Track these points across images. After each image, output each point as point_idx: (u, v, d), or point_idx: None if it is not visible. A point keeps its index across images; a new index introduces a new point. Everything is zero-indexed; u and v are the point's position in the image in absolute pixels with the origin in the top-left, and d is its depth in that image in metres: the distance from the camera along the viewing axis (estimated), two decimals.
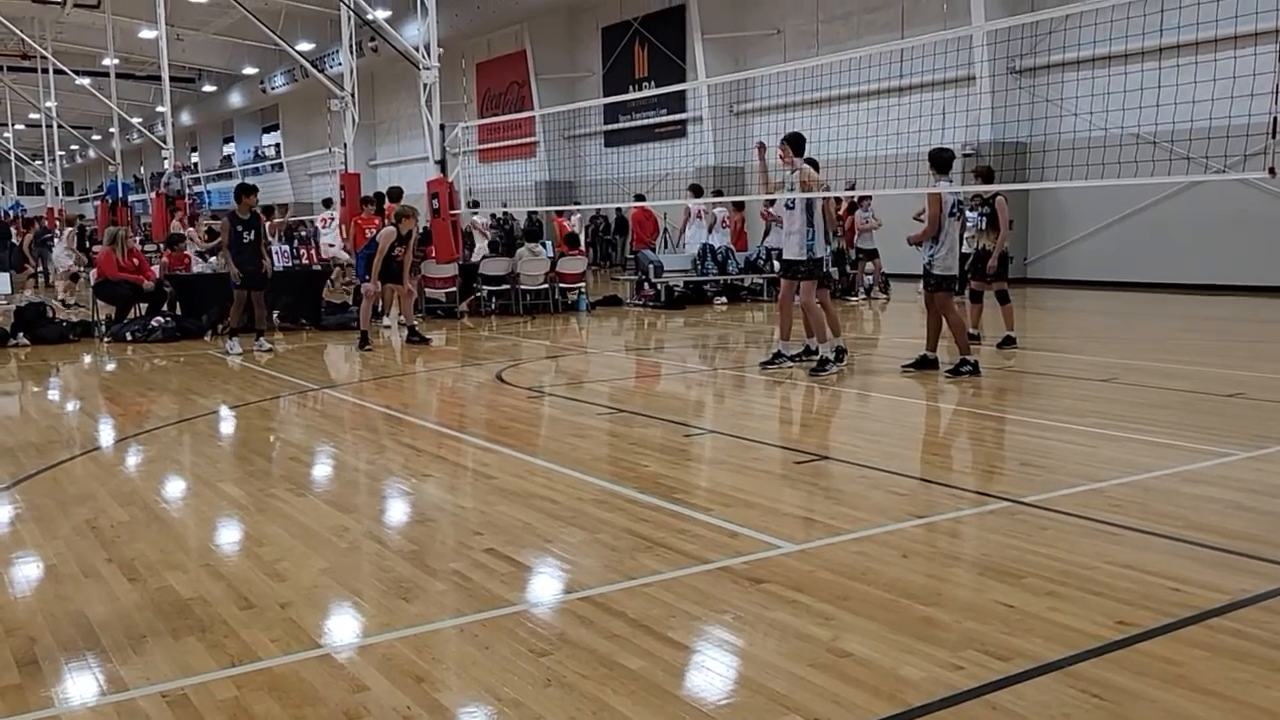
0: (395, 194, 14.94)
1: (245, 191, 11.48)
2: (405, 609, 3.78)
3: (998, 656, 3.27)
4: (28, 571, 4.30)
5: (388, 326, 13.40)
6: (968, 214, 9.97)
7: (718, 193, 19.91)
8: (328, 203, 21.55)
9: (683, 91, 25.81)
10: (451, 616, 3.69)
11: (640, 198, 22.25)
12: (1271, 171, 7.06)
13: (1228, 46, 12.09)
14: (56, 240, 21.75)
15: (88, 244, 23.72)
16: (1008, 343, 10.51)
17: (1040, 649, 3.32)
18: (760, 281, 17.63)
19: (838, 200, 17.48)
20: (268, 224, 12.73)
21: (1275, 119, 6.94)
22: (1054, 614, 3.62)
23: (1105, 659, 3.26)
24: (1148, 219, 17.80)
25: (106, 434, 7.48)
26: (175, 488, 5.82)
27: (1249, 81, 8.00)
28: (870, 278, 17.42)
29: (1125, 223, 18.23)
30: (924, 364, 9.05)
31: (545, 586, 4.08)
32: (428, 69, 15.57)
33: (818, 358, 9.26)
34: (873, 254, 17.20)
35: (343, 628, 3.65)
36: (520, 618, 3.68)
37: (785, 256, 9.36)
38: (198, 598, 3.88)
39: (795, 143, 9.04)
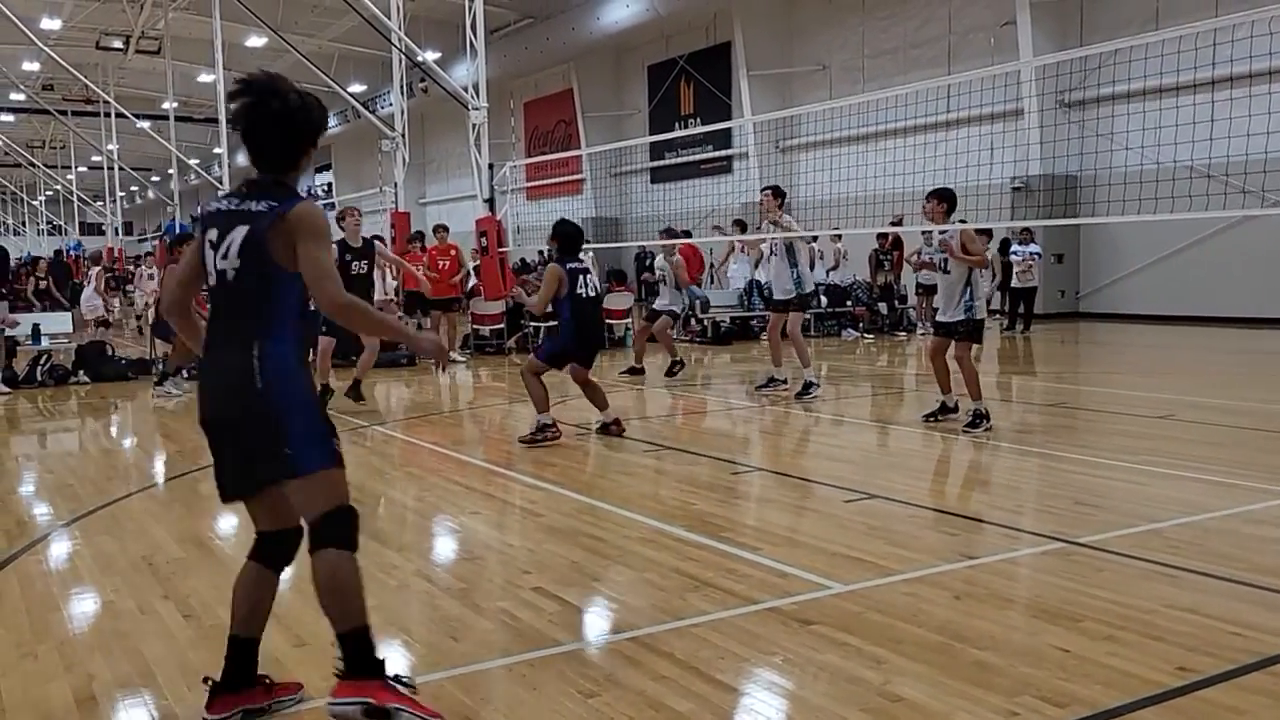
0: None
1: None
2: (454, 648, 3.79)
3: (1054, 703, 3.20)
4: (86, 608, 4.39)
5: (458, 361, 13.65)
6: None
7: (740, 224, 19.90)
8: (377, 239, 21.89)
9: (728, 128, 25.94)
10: (500, 656, 3.70)
11: (686, 233, 22.32)
12: None
13: None
14: (86, 284, 18.86)
15: (118, 285, 23.85)
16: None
17: (1098, 695, 3.25)
18: (808, 317, 17.55)
19: (883, 236, 17.47)
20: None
21: None
22: (1112, 659, 3.55)
23: (1165, 706, 3.18)
24: (1201, 252, 17.51)
25: (162, 470, 7.62)
26: (228, 524, 5.90)
27: None
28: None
29: (1179, 256, 17.95)
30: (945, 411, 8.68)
31: (593, 626, 4.07)
32: (476, 109, 15.83)
33: (803, 382, 10.01)
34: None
35: (392, 666, 3.66)
36: (568, 658, 3.68)
37: (775, 296, 10.28)
38: None
39: (778, 193, 10.16)
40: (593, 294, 8.12)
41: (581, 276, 8.02)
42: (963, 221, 8.67)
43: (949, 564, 4.67)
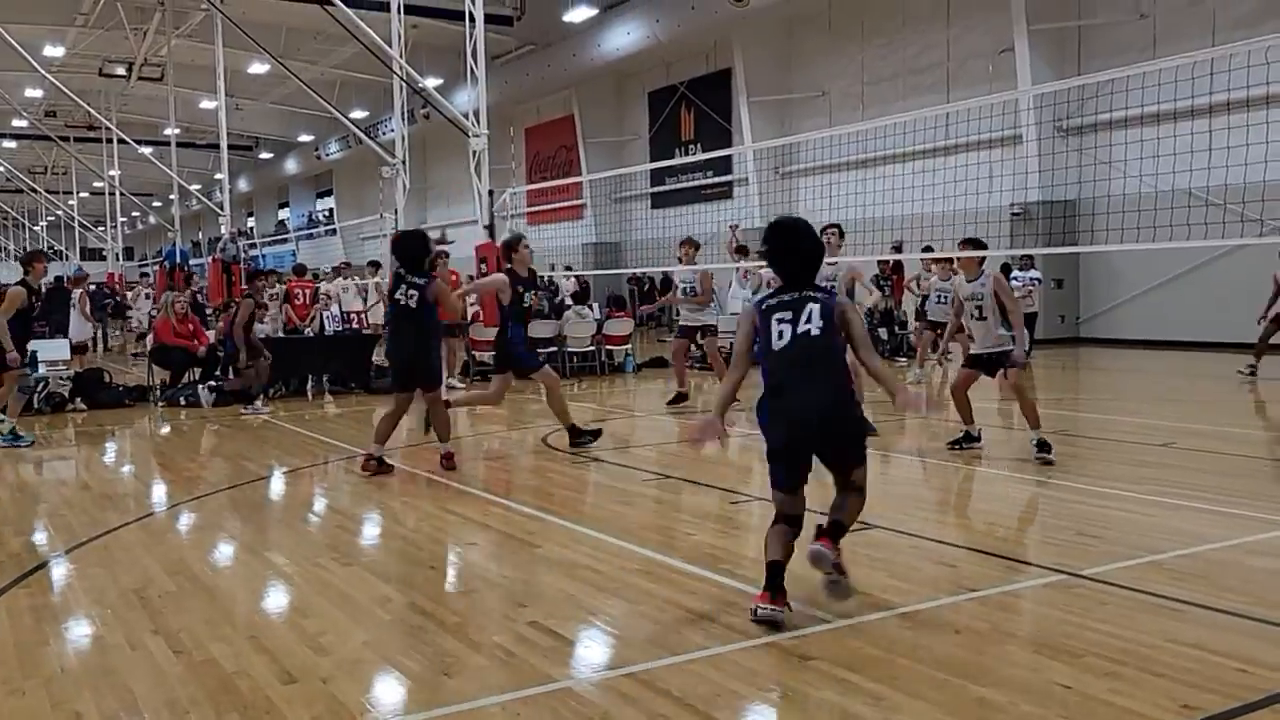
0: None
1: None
2: (447, 684, 3.74)
3: None
4: (76, 643, 4.33)
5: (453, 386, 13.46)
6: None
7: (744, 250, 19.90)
8: (375, 265, 21.92)
9: (729, 154, 26.03)
10: (494, 694, 3.64)
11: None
12: None
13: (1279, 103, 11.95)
14: (72, 308, 17.50)
15: (117, 311, 23.70)
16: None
17: None
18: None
19: (883, 261, 17.47)
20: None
21: None
22: (1115, 696, 3.49)
23: None
24: (1200, 278, 17.50)
25: (157, 500, 7.57)
26: (222, 556, 5.86)
27: None
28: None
29: (1178, 282, 17.94)
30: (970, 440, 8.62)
31: (589, 662, 4.02)
32: (477, 136, 15.86)
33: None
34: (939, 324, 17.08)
35: (383, 704, 3.61)
36: (563, 695, 3.63)
37: (703, 323, 11.80)
38: (241, 671, 3.87)
39: (841, 233, 10.00)
40: (410, 305, 7.77)
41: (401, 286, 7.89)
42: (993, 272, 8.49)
43: (950, 597, 4.61)
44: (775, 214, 24.63)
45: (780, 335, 4.51)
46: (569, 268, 26.08)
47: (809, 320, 4.48)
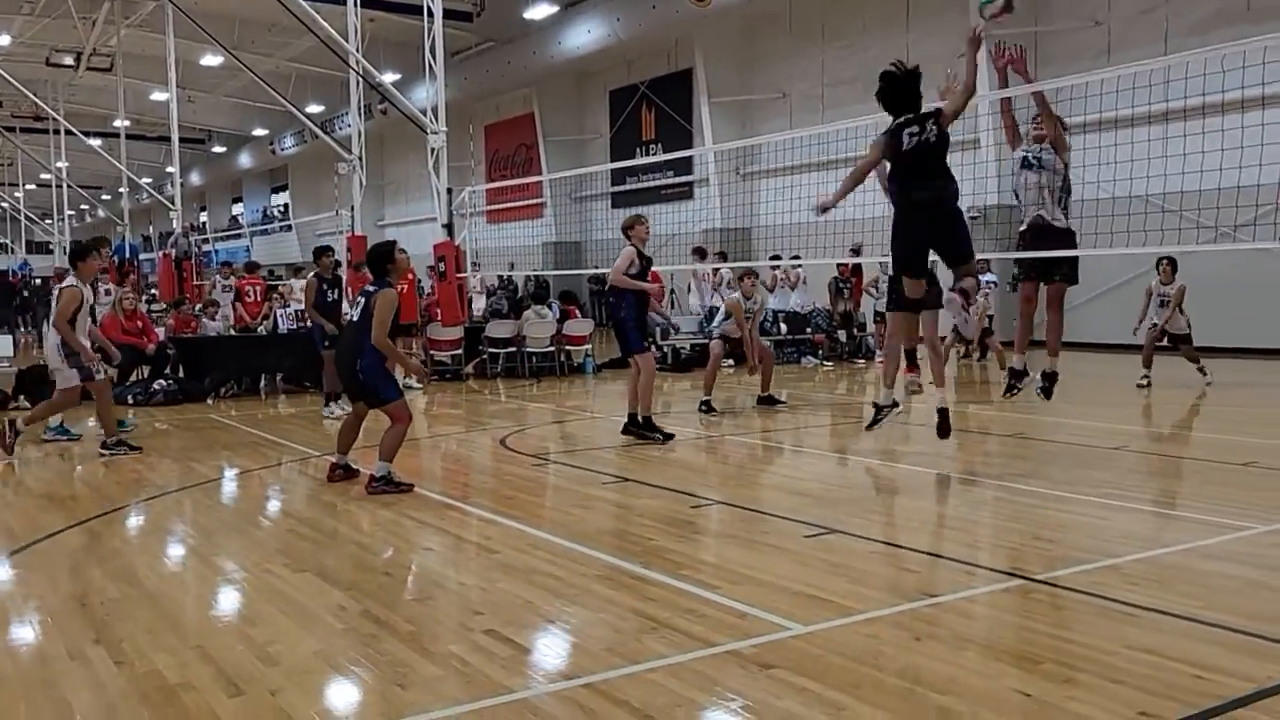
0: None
1: (324, 252, 11.48)
2: (400, 696, 3.65)
3: None
4: (14, 653, 4.18)
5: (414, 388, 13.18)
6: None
7: (721, 255, 19.93)
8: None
9: (690, 155, 26.02)
10: (449, 705, 3.56)
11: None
12: None
13: (1234, 110, 12.13)
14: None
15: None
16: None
17: None
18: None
19: (843, 264, 17.54)
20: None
21: None
22: (1072, 703, 3.49)
23: None
24: (1151, 282, 17.72)
25: (102, 503, 7.37)
26: (169, 562, 5.70)
27: (1256, 145, 7.99)
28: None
29: (1129, 286, 18.13)
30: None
31: (546, 672, 3.94)
32: (435, 133, 15.70)
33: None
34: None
35: (334, 717, 3.52)
36: (520, 707, 3.55)
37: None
38: (185, 683, 3.75)
39: None
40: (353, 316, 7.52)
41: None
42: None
43: (910, 603, 4.60)
44: (736, 215, 24.84)
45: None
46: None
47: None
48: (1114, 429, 9.55)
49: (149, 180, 40.86)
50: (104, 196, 50.77)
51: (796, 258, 17.99)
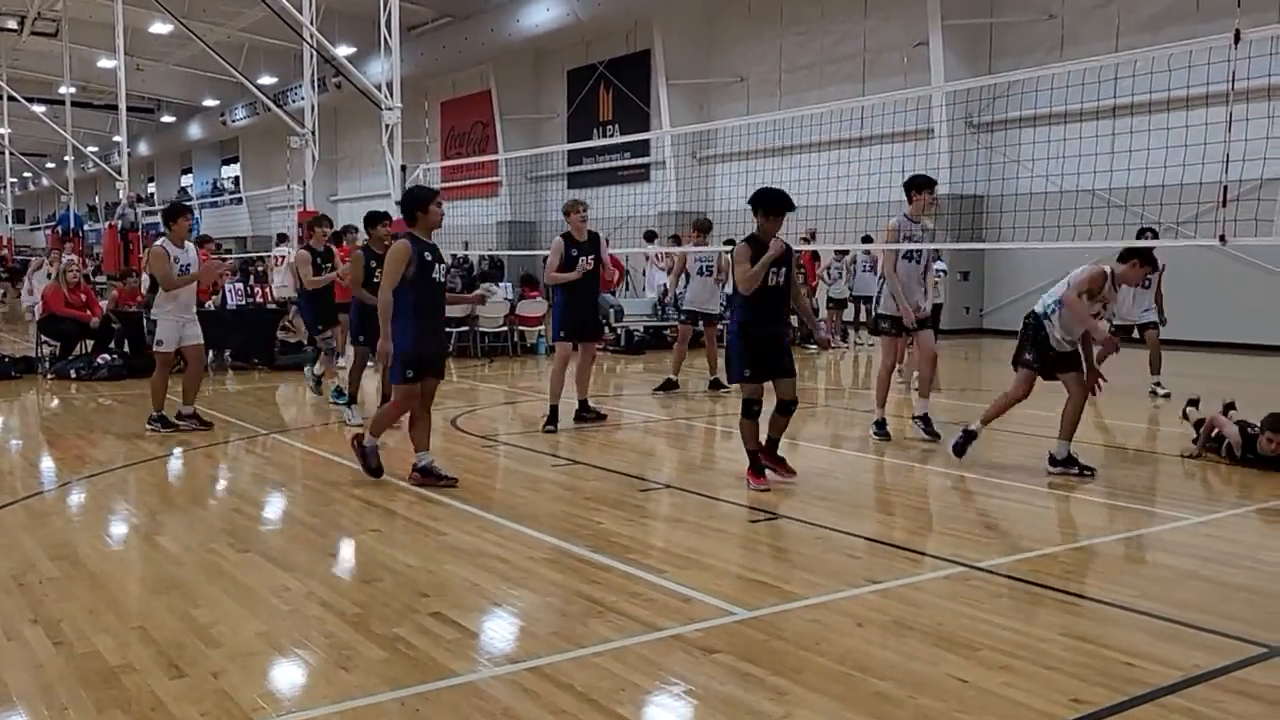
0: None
1: (380, 219, 10.37)
2: (344, 679, 3.64)
3: None
4: None
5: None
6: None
7: (674, 239, 19.94)
8: (282, 238, 21.35)
9: (647, 138, 25.97)
10: (393, 688, 3.56)
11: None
12: (1222, 239, 7.18)
13: (1180, 107, 12.36)
14: None
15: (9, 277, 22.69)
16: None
17: None
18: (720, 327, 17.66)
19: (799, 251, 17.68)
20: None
21: (1225, 187, 7.07)
22: (1008, 690, 3.57)
23: None
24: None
25: (42, 479, 7.25)
26: (110, 541, 5.62)
27: (1200, 144, 8.14)
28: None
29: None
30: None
31: (491, 656, 3.95)
32: (390, 109, 15.52)
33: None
34: (842, 303, 17.51)
35: (276, 700, 3.50)
36: (464, 690, 3.56)
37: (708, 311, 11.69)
38: (125, 665, 3.71)
39: None
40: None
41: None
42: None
43: (853, 589, 4.67)
44: (692, 198, 24.85)
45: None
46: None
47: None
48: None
49: (95, 149, 39.93)
50: (48, 165, 49.54)
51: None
